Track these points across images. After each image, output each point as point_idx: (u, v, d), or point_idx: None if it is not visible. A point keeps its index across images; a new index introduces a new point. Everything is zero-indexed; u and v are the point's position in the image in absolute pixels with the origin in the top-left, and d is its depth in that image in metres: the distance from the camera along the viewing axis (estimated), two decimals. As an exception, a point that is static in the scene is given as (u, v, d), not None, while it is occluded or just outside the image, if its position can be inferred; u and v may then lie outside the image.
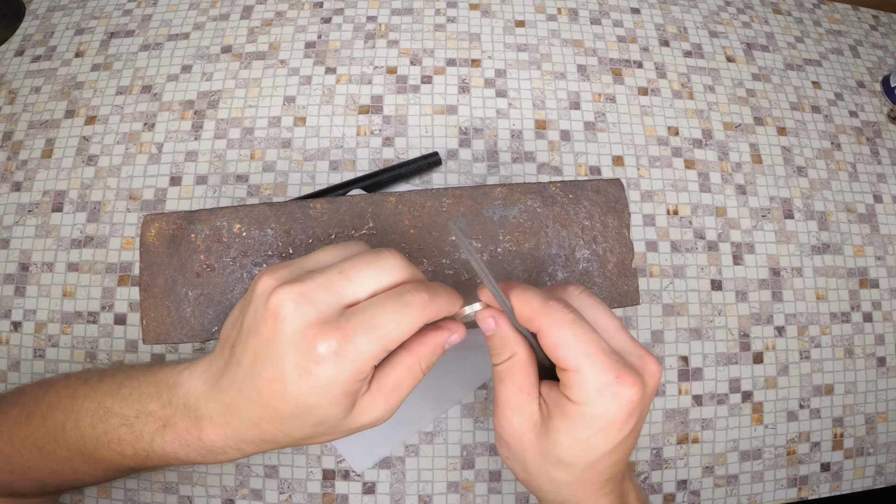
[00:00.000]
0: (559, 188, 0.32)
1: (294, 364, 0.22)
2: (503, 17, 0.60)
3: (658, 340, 0.50)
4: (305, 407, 0.23)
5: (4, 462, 0.31)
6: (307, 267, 0.24)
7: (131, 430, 0.27)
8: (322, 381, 0.22)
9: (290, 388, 0.22)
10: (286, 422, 0.24)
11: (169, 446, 0.27)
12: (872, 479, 0.51)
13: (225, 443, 0.26)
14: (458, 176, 0.53)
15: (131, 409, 0.27)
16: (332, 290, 0.23)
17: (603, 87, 0.57)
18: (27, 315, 0.49)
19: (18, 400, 0.32)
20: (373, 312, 0.22)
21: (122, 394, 0.28)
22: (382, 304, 0.23)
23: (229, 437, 0.25)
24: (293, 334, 0.22)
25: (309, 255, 0.25)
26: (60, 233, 0.51)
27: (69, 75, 0.56)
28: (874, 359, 0.53)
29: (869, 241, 0.55)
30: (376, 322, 0.22)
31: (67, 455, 0.30)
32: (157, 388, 0.27)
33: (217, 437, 0.26)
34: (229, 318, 0.25)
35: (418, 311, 0.23)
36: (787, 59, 0.62)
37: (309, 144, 0.53)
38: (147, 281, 0.30)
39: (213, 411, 0.25)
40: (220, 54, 0.57)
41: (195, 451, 0.26)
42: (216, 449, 0.26)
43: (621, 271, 0.32)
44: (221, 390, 0.25)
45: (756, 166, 0.56)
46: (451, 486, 0.47)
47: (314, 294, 0.22)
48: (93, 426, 0.28)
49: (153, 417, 0.27)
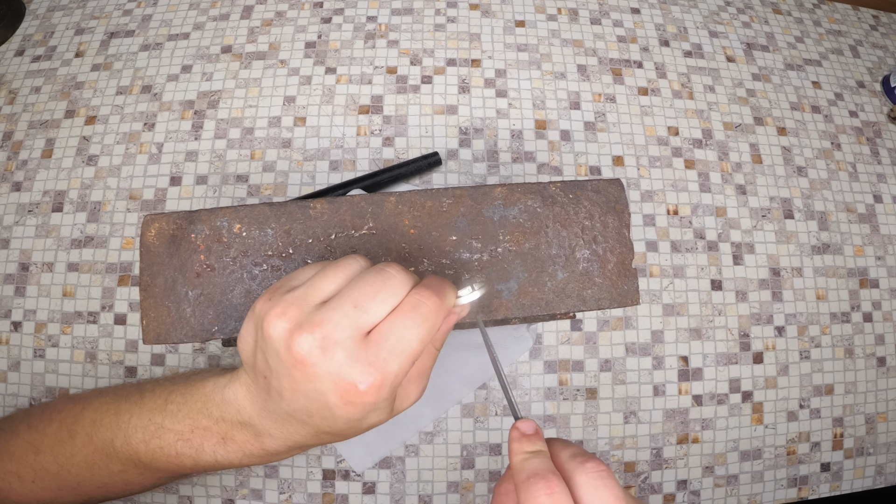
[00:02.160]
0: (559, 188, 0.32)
1: (337, 398, 0.23)
2: (503, 17, 0.60)
3: (658, 340, 0.50)
4: (355, 421, 0.25)
5: (51, 480, 0.32)
6: (314, 299, 0.24)
7: (189, 445, 0.29)
8: (366, 406, 0.24)
9: (338, 414, 0.24)
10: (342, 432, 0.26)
11: (234, 456, 0.28)
12: (872, 479, 0.51)
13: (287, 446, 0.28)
14: (458, 176, 0.53)
15: (184, 425, 0.29)
16: (351, 326, 0.23)
17: (603, 87, 0.57)
18: (27, 315, 0.49)
19: (54, 417, 0.32)
20: (398, 336, 0.23)
21: (169, 410, 0.29)
22: (403, 325, 0.24)
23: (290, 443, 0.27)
24: (329, 375, 0.23)
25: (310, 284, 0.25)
26: (60, 233, 0.51)
27: (69, 75, 0.56)
28: (874, 359, 0.53)
29: (869, 241, 0.55)
30: (403, 345, 0.23)
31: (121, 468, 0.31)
32: (206, 405, 0.28)
33: (278, 444, 0.27)
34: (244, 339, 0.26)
35: (435, 318, 0.24)
36: (787, 59, 0.62)
37: (309, 144, 0.53)
38: (147, 281, 0.30)
39: (270, 427, 0.27)
40: (220, 54, 0.57)
41: (259, 457, 0.28)
42: (279, 452, 0.28)
43: (621, 271, 0.32)
44: (272, 412, 0.26)
45: (756, 166, 0.56)
46: (451, 486, 0.47)
47: (336, 335, 0.23)
48: (146, 442, 0.29)
49: (210, 433, 0.28)
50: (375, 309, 0.24)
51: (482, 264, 0.31)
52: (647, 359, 0.50)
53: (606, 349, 0.50)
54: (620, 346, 0.50)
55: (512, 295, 0.31)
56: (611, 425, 0.49)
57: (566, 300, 0.31)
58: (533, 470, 0.24)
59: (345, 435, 0.26)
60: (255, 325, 0.25)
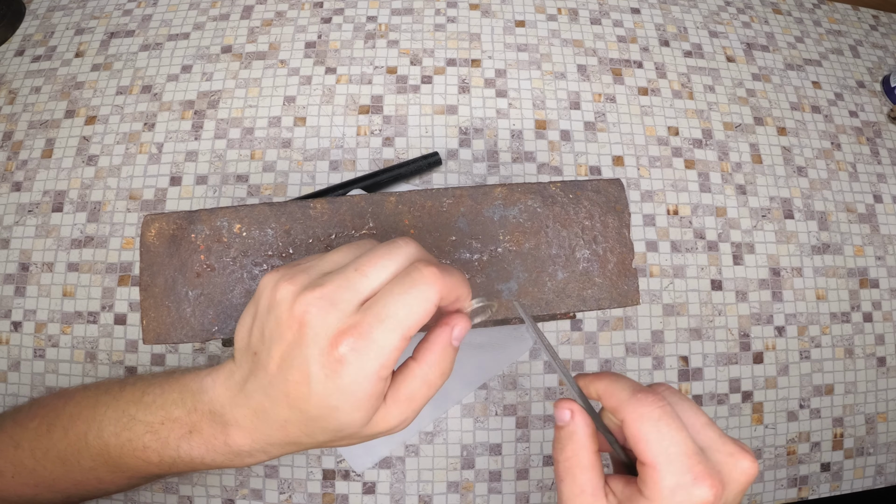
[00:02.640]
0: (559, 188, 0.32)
1: (320, 366, 0.22)
2: (503, 17, 0.60)
3: (658, 340, 0.50)
4: (329, 409, 0.23)
5: (28, 476, 0.31)
6: (323, 269, 0.24)
7: (156, 437, 0.28)
8: (347, 380, 0.22)
9: (316, 390, 0.23)
10: (311, 424, 0.24)
11: (196, 451, 0.27)
12: (872, 479, 0.51)
13: (252, 446, 0.26)
14: (458, 176, 0.53)
15: (156, 416, 0.28)
16: (351, 289, 0.23)
17: (603, 87, 0.57)
18: (27, 315, 0.49)
19: (37, 412, 0.32)
20: (383, 301, 0.22)
21: (145, 401, 0.28)
22: (390, 290, 0.23)
23: (256, 440, 0.26)
24: (317, 338, 0.22)
25: (323, 257, 0.25)
26: (60, 233, 0.51)
27: (69, 75, 0.56)
28: (874, 359, 0.53)
29: (869, 241, 0.55)
30: (388, 310, 0.22)
31: (91, 465, 0.30)
32: (182, 395, 0.28)
33: (244, 440, 0.26)
34: (242, 326, 0.25)
35: (427, 287, 0.23)
36: (787, 59, 0.62)
37: (309, 144, 0.53)
38: (147, 281, 0.30)
39: (240, 416, 0.26)
40: (220, 54, 0.57)
41: (222, 455, 0.27)
42: (243, 452, 0.27)
43: (621, 271, 0.32)
44: (248, 395, 0.25)
45: (756, 166, 0.56)
46: (451, 486, 0.47)
47: (334, 296, 0.22)
48: (117, 435, 0.28)
49: (178, 424, 0.27)
50: (375, 273, 0.23)
51: (482, 264, 0.31)
52: (647, 359, 0.50)
53: (606, 349, 0.50)
54: (620, 346, 0.50)
55: (512, 295, 0.31)
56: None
57: (566, 300, 0.31)
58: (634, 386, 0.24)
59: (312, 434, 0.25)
60: (257, 299, 0.24)
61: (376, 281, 0.23)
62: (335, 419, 0.24)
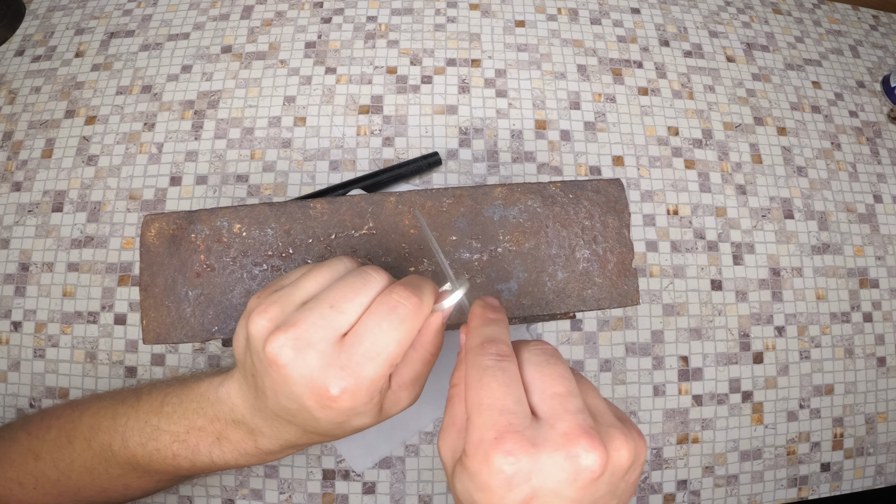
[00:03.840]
0: (559, 188, 0.32)
1: (314, 401, 0.23)
2: (503, 17, 0.60)
3: (658, 340, 0.50)
4: (340, 423, 0.24)
5: (51, 487, 0.32)
6: (295, 300, 0.24)
7: (185, 446, 0.29)
8: (344, 411, 0.23)
9: (318, 416, 0.23)
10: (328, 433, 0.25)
11: (229, 456, 0.28)
12: (872, 479, 0.51)
13: (280, 445, 0.27)
14: (458, 176, 0.53)
15: (180, 426, 0.29)
16: (326, 327, 0.22)
17: (603, 87, 0.57)
18: (27, 315, 0.49)
19: (52, 424, 0.32)
20: (373, 339, 0.22)
21: (165, 411, 0.29)
22: (378, 327, 0.22)
23: (282, 442, 0.27)
24: (301, 378, 0.22)
25: (295, 284, 0.24)
26: (60, 233, 0.51)
27: (69, 75, 0.56)
28: (874, 359, 0.53)
29: (869, 241, 0.55)
30: (378, 349, 0.22)
31: (120, 472, 0.31)
32: (201, 405, 0.28)
33: (271, 443, 0.27)
34: (237, 343, 0.26)
35: (413, 320, 0.23)
36: (787, 59, 0.62)
37: (309, 144, 0.53)
38: (147, 281, 0.30)
39: (261, 425, 0.27)
40: (220, 54, 0.57)
41: (254, 456, 0.28)
42: (273, 451, 0.28)
43: (621, 271, 0.32)
44: (261, 410, 0.26)
45: (756, 166, 0.56)
46: (451, 486, 0.47)
47: (309, 336, 0.22)
48: (143, 445, 0.29)
49: (205, 433, 0.28)
50: (352, 310, 0.23)
51: (482, 264, 0.31)
52: (647, 359, 0.50)
53: (606, 349, 0.50)
54: (620, 346, 0.50)
55: (512, 295, 0.31)
56: (611, 425, 0.49)
57: (566, 300, 0.31)
58: (487, 335, 0.23)
59: (334, 435, 0.26)
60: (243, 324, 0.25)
61: (352, 316, 0.23)
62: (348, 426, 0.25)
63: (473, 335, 0.23)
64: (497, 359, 0.22)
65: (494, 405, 0.20)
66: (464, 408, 0.22)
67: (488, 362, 0.22)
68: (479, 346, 0.22)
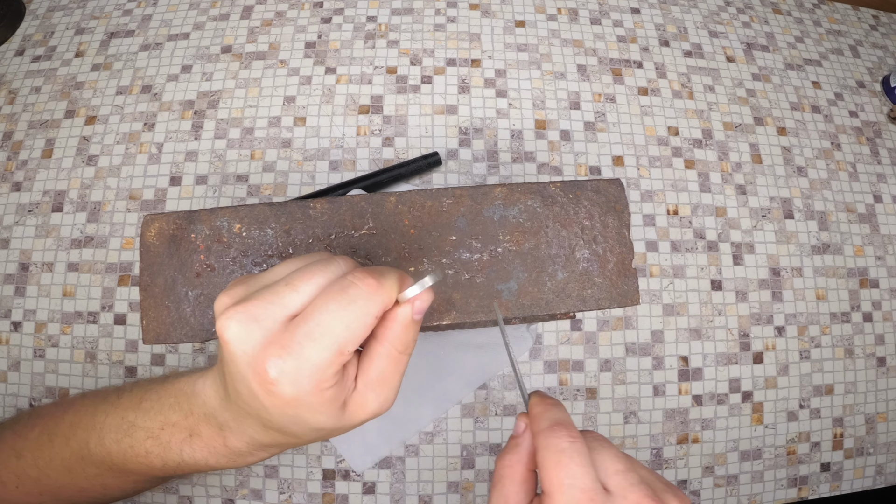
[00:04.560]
0: (559, 188, 0.32)
1: (257, 384, 0.22)
2: (503, 17, 0.60)
3: (658, 340, 0.50)
4: (292, 416, 0.23)
5: (32, 486, 0.31)
6: (263, 282, 0.23)
7: (158, 443, 0.28)
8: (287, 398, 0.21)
9: (266, 404, 0.22)
10: (286, 429, 0.24)
11: (199, 454, 0.27)
12: (872, 479, 0.51)
13: (248, 446, 0.26)
14: (458, 176, 0.53)
15: (155, 422, 0.28)
16: (278, 304, 0.22)
17: (603, 87, 0.57)
18: (27, 315, 0.49)
19: (37, 422, 0.32)
20: (317, 319, 0.21)
21: (143, 407, 0.29)
22: (325, 307, 0.21)
23: (250, 442, 0.26)
24: (244, 356, 0.21)
25: (270, 269, 0.24)
26: (60, 233, 0.51)
27: (69, 75, 0.56)
28: (874, 359, 0.53)
29: (869, 241, 0.55)
30: (322, 330, 0.21)
31: (96, 472, 0.30)
32: (177, 399, 0.28)
33: (239, 442, 0.26)
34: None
35: (366, 302, 0.22)
36: (787, 59, 0.62)
37: (309, 144, 0.53)
38: (147, 281, 0.30)
39: (229, 420, 0.26)
40: (220, 54, 0.57)
41: (224, 456, 0.27)
42: (243, 452, 0.27)
43: (621, 271, 0.32)
44: (228, 401, 0.25)
45: (756, 166, 0.56)
46: (451, 486, 0.47)
47: (257, 311, 0.21)
48: (118, 441, 0.29)
49: (178, 428, 0.27)
50: (306, 289, 0.22)
51: (482, 264, 0.31)
52: (647, 359, 0.50)
53: (606, 349, 0.50)
54: (620, 346, 0.50)
55: (512, 295, 0.31)
56: (611, 425, 0.49)
57: (566, 300, 0.31)
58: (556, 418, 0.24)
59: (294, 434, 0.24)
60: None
61: (306, 295, 0.22)
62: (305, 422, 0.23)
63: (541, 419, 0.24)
64: (571, 441, 0.23)
65: (575, 484, 0.22)
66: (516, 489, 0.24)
67: (564, 444, 0.22)
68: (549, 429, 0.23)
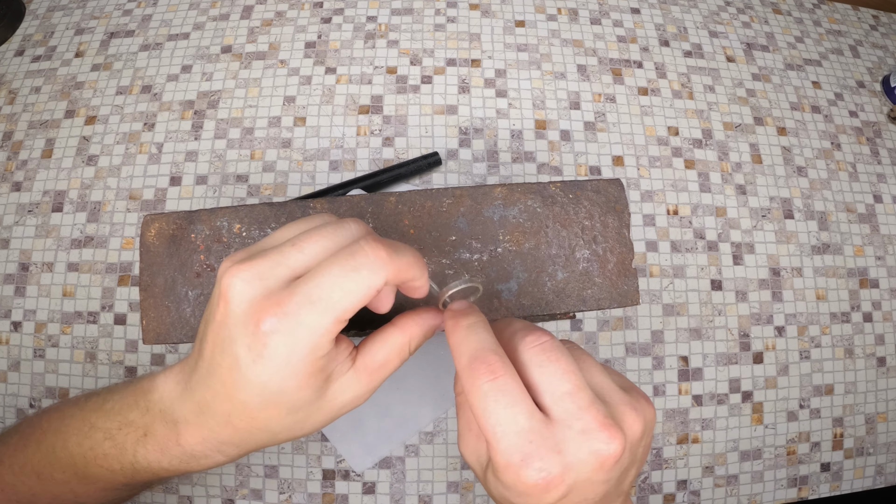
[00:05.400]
0: (559, 188, 0.32)
1: (246, 347, 0.20)
2: (503, 17, 0.60)
3: (658, 340, 0.50)
4: (271, 394, 0.21)
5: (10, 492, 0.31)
6: (265, 246, 0.23)
7: (114, 444, 0.26)
8: (276, 362, 0.20)
9: (249, 375, 0.21)
10: (257, 415, 0.22)
11: (151, 455, 0.25)
12: (872, 479, 0.51)
13: (204, 446, 0.24)
14: (458, 176, 0.53)
15: (114, 422, 0.27)
16: (283, 264, 0.21)
17: (603, 87, 0.57)
18: (27, 315, 0.49)
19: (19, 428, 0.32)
20: (317, 281, 0.20)
21: (105, 409, 0.27)
22: (328, 270, 0.20)
23: (207, 439, 0.24)
24: (241, 315, 0.20)
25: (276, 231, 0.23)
26: (60, 233, 0.51)
27: (69, 75, 0.56)
28: (874, 359, 0.53)
29: (869, 241, 0.55)
30: (321, 292, 0.20)
31: (63, 478, 0.29)
32: (136, 398, 0.26)
33: (195, 440, 0.24)
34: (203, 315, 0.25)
35: (372, 272, 0.20)
36: (787, 59, 0.62)
37: (309, 144, 0.53)
38: (147, 281, 0.30)
39: (187, 412, 0.24)
40: (220, 54, 0.57)
41: (177, 458, 0.25)
42: (197, 454, 0.25)
43: (621, 271, 0.32)
44: (192, 389, 0.24)
45: (756, 166, 0.56)
46: (451, 486, 0.47)
47: (263, 269, 0.21)
48: (79, 444, 0.27)
49: (134, 427, 0.26)
50: (312, 251, 0.21)
51: (482, 264, 0.31)
52: (647, 359, 0.50)
53: (606, 349, 0.50)
54: (620, 346, 0.50)
55: (512, 295, 0.31)
56: (611, 425, 0.49)
57: (566, 300, 0.31)
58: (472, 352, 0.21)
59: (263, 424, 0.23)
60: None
61: (311, 257, 0.21)
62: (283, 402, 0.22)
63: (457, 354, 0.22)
64: (491, 380, 0.21)
65: (508, 430, 0.20)
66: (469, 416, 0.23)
67: (485, 387, 0.21)
68: (468, 368, 0.21)
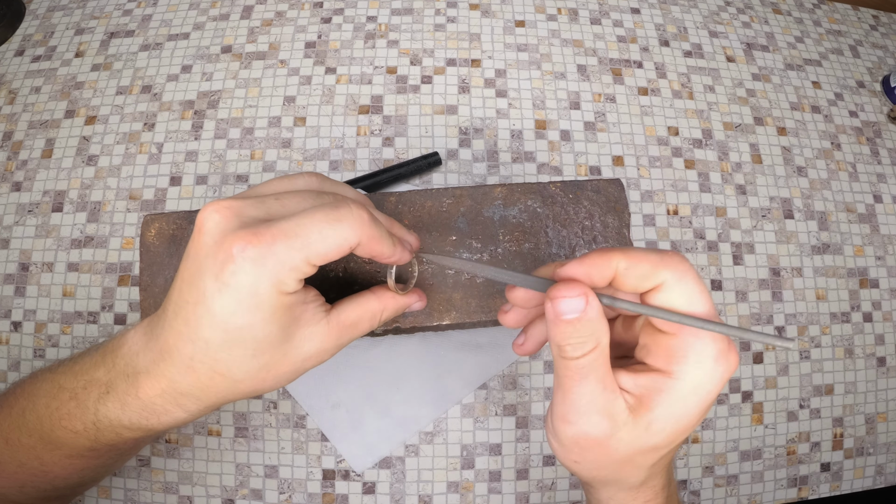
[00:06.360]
0: (559, 188, 0.32)
1: (213, 277, 0.20)
2: (503, 17, 0.60)
3: (658, 340, 0.50)
4: (234, 329, 0.21)
5: None
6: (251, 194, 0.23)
7: (78, 403, 0.26)
8: (241, 290, 0.20)
9: (213, 308, 0.21)
10: (219, 356, 0.22)
11: (112, 412, 0.25)
12: (872, 479, 0.51)
13: (163, 399, 0.24)
14: (458, 176, 0.53)
15: (80, 381, 0.26)
16: (262, 209, 0.21)
17: (603, 87, 0.57)
18: (27, 315, 0.49)
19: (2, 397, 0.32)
20: (298, 220, 0.21)
21: (74, 370, 0.27)
22: (311, 214, 0.21)
23: (165, 390, 0.24)
24: (213, 244, 0.21)
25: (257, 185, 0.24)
26: (60, 233, 0.51)
27: (69, 75, 0.56)
28: (874, 359, 0.53)
29: (869, 241, 0.55)
30: (300, 230, 0.20)
31: (30, 442, 0.29)
32: (104, 355, 0.26)
33: (154, 391, 0.24)
34: None
35: (351, 227, 0.21)
36: (787, 59, 0.62)
37: (309, 144, 0.53)
38: (147, 281, 0.30)
39: (148, 361, 0.24)
40: (220, 54, 0.57)
41: (135, 411, 0.25)
42: (157, 407, 0.24)
43: (621, 271, 0.32)
44: (156, 337, 0.23)
45: (756, 166, 0.56)
46: (451, 486, 0.47)
47: (241, 209, 0.21)
48: (47, 405, 0.27)
49: (97, 384, 0.26)
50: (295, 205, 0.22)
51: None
52: (647, 359, 0.50)
53: (606, 349, 0.50)
54: (620, 346, 0.50)
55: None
56: (611, 425, 0.49)
57: (566, 300, 0.31)
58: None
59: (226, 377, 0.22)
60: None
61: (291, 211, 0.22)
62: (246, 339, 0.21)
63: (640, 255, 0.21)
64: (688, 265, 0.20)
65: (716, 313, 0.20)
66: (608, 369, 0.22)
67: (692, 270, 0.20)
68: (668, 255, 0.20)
